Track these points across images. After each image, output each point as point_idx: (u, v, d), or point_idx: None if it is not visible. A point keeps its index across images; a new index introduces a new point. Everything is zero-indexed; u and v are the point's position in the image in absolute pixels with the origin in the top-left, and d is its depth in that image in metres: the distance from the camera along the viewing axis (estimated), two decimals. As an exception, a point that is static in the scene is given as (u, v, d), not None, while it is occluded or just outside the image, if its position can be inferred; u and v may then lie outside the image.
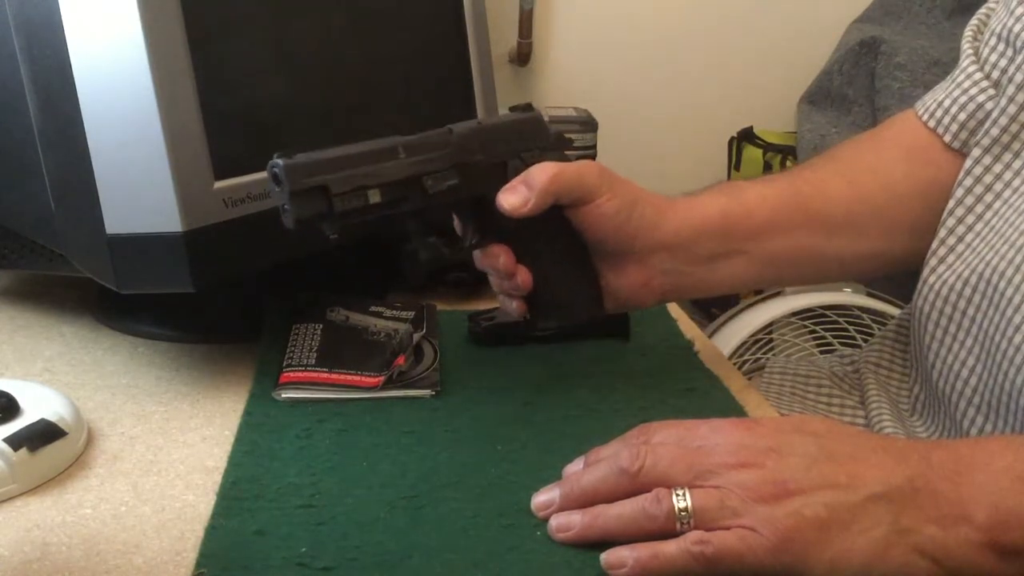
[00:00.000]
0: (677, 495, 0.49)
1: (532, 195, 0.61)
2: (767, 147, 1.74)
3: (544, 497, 0.53)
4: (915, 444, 0.53)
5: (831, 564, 0.47)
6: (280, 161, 0.55)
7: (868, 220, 0.73)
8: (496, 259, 0.64)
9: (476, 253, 0.65)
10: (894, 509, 0.47)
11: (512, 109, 0.68)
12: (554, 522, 0.51)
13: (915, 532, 0.47)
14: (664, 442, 0.52)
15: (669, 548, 0.48)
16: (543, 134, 0.67)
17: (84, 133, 0.60)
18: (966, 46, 0.75)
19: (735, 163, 1.83)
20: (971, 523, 0.47)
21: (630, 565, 0.48)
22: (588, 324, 0.71)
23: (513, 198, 0.62)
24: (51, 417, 0.57)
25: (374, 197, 0.58)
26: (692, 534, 0.48)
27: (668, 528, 0.48)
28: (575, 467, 0.55)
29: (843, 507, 0.47)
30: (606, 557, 0.49)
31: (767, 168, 1.72)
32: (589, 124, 1.05)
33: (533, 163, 0.63)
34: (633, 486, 0.50)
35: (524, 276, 0.64)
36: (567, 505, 0.52)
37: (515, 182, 0.62)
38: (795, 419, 0.55)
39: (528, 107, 0.68)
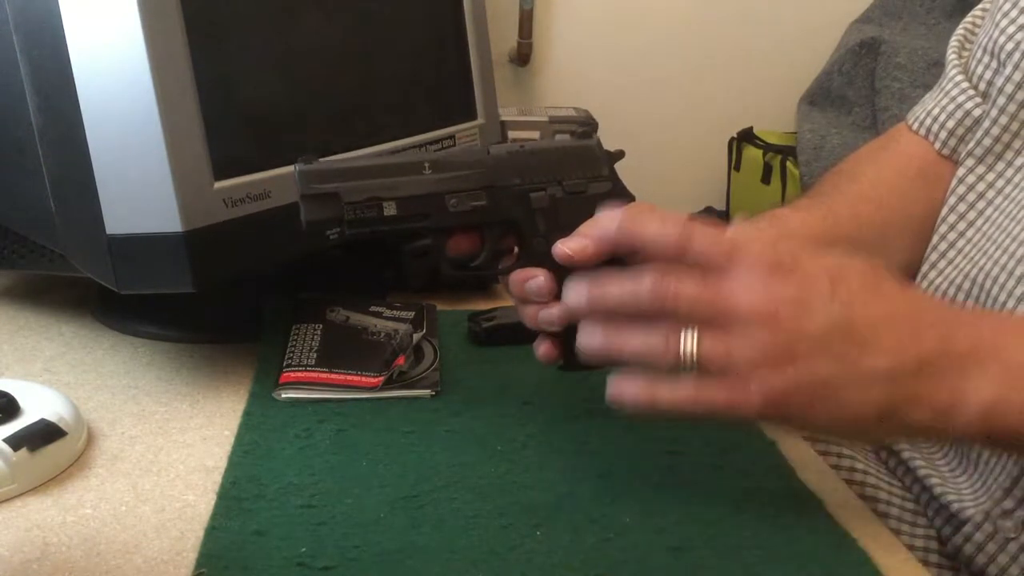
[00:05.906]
0: (685, 339, 0.49)
1: (590, 244, 0.58)
2: (767, 147, 1.74)
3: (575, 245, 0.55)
4: (942, 318, 0.52)
5: (812, 428, 0.51)
6: (296, 165, 0.57)
7: (895, 240, 0.75)
8: (534, 279, 0.60)
9: (511, 278, 0.61)
10: (891, 389, 0.48)
11: (575, 135, 0.66)
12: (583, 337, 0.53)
13: (906, 414, 0.48)
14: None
15: (664, 392, 0.50)
16: (595, 164, 0.64)
17: (84, 133, 0.60)
18: (952, 55, 0.77)
19: (735, 163, 1.83)
20: (966, 413, 0.48)
21: (629, 398, 0.51)
22: None
23: (572, 243, 0.58)
24: (51, 417, 0.57)
25: (389, 210, 0.58)
26: (688, 384, 0.49)
27: (672, 370, 0.50)
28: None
29: (840, 381, 0.48)
30: (612, 386, 0.52)
31: (767, 168, 1.72)
32: (589, 124, 1.05)
33: (574, 193, 0.62)
34: (654, 311, 0.51)
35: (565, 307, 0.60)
36: (594, 310, 0.53)
37: (573, 234, 0.60)
38: (834, 270, 0.51)
39: (587, 134, 0.65)
